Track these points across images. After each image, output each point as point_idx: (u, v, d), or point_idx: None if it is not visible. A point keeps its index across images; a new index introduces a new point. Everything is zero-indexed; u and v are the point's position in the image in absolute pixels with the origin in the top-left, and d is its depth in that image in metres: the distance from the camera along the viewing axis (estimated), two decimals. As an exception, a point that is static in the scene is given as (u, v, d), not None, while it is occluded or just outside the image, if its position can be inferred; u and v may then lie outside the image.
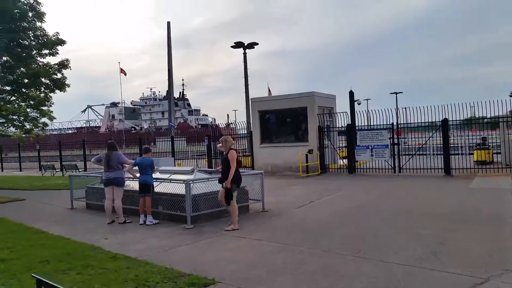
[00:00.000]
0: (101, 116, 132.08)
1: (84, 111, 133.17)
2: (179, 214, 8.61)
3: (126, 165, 9.25)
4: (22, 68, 21.97)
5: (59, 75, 23.32)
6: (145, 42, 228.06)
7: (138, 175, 9.16)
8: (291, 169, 18.54)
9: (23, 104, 23.48)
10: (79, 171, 23.51)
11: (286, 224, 8.42)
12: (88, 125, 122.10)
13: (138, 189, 9.07)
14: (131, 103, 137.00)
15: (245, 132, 21.56)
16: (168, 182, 9.25)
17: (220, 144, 8.53)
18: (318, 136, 18.38)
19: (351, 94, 19.03)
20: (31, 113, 23.99)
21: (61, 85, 23.56)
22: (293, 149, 18.40)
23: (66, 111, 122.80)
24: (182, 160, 25.43)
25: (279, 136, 19.67)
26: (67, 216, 10.52)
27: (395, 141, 17.37)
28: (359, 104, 35.18)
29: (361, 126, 18.77)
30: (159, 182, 9.44)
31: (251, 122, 21.12)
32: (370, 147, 17.23)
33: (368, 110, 17.73)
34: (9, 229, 8.54)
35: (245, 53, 32.62)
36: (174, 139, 26.53)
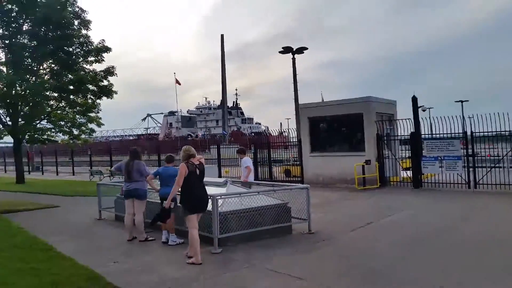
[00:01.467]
0: (160, 124, 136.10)
1: (144, 119, 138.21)
2: (206, 235, 7.12)
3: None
4: (68, 75, 21.88)
5: (105, 82, 23.09)
6: (203, 56, 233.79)
7: (159, 187, 7.84)
8: (345, 181, 16.59)
9: (70, 110, 23.46)
10: (104, 177, 22.97)
11: (336, 257, 6.66)
12: (146, 132, 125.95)
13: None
14: (187, 112, 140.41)
15: (295, 140, 19.90)
16: None
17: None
18: (376, 145, 16.30)
19: (414, 100, 16.76)
20: (79, 119, 23.93)
21: (108, 91, 23.24)
22: (348, 159, 16.45)
23: (128, 119, 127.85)
24: (230, 167, 24.20)
25: (332, 144, 17.80)
26: (89, 229, 9.42)
27: (469, 151, 14.90)
28: (423, 110, 32.10)
29: (426, 134, 16.45)
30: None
31: (301, 129, 19.43)
32: (439, 158, 14.91)
33: (432, 118, 15.38)
34: (14, 244, 7.52)
35: (293, 58, 31.48)
36: (223, 147, 25.41)
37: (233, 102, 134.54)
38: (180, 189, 6.50)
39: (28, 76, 21.15)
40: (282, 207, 7.96)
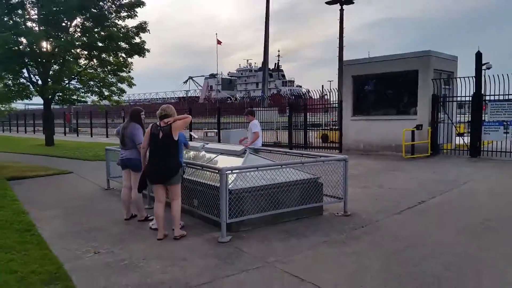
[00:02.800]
0: (201, 86, 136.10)
1: (186, 82, 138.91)
2: (213, 218, 5.66)
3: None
4: (97, 30, 20.64)
5: (137, 39, 21.78)
6: (248, 17, 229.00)
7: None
8: (390, 148, 14.64)
9: (100, 70, 22.43)
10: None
11: (380, 253, 4.99)
12: (186, 95, 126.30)
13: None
14: (228, 74, 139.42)
15: (335, 102, 17.86)
16: (199, 169, 6.29)
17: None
18: (431, 108, 14.11)
19: (478, 56, 14.20)
20: (111, 79, 22.93)
21: (139, 50, 21.93)
22: (395, 123, 14.41)
23: (171, 82, 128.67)
24: (264, 132, 22.61)
25: (377, 107, 15.73)
26: (90, 202, 8.24)
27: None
28: (488, 68, 28.26)
29: (490, 95, 14.07)
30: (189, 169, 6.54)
31: (343, 90, 17.39)
32: (505, 123, 12.62)
33: (497, 76, 12.86)
34: (-8, 222, 6.39)
35: (341, 10, 28.90)
36: (260, 109, 23.66)
37: (275, 64, 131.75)
38: None
39: (58, 33, 20.05)
40: (312, 183, 6.34)
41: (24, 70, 20.74)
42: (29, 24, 20.09)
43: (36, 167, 12.76)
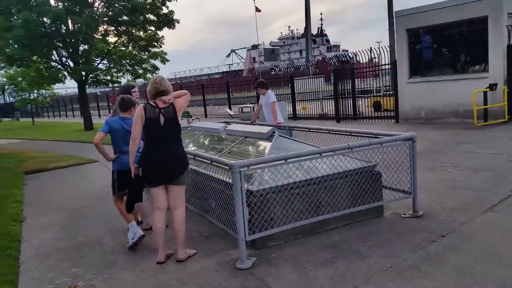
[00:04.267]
0: (244, 59, 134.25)
1: (228, 55, 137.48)
2: (230, 232, 4.13)
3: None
4: (122, 3, 19.41)
5: (164, 10, 20.43)
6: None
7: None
8: (457, 114, 12.38)
9: (131, 48, 21.35)
10: (192, 119, 20.80)
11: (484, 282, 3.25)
12: (229, 69, 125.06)
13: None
14: (270, 44, 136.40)
15: (387, 63, 15.52)
16: (207, 163, 4.66)
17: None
18: (506, 63, 11.64)
19: None
20: (143, 56, 21.86)
21: (168, 21, 20.63)
22: (462, 84, 12.09)
23: (215, 57, 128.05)
24: (309, 103, 20.77)
25: (439, 65, 13.35)
26: (100, 201, 6.98)
27: None
28: None
29: None
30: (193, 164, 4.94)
31: (395, 48, 15.05)
32: None
33: None
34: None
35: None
36: (302, 78, 21.66)
37: (318, 28, 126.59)
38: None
39: (78, 8, 19.02)
40: (367, 173, 4.62)
41: (54, 53, 20.05)
42: (52, 2, 19.18)
43: (62, 157, 11.88)
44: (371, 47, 16.44)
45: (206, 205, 4.61)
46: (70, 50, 20.10)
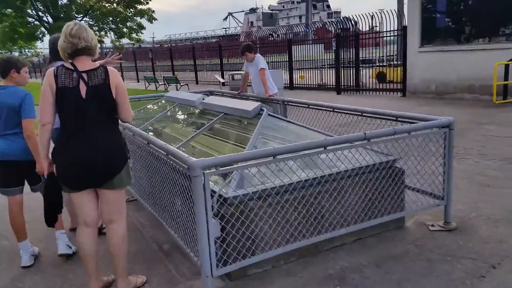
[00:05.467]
0: (241, 23, 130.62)
1: (225, 19, 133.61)
2: (192, 260, 2.89)
3: None
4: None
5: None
6: None
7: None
8: (472, 89, 11.07)
9: (115, 3, 19.58)
10: (181, 86, 19.34)
11: None
12: (225, 33, 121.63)
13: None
14: (268, 8, 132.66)
15: (394, 29, 13.98)
16: (162, 155, 3.31)
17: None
18: (534, 32, 10.27)
19: None
20: (129, 13, 20.09)
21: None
22: (481, 55, 10.72)
23: (212, 21, 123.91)
24: (307, 71, 19.27)
25: (455, 33, 11.91)
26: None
27: None
28: None
29: None
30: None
31: (405, 13, 13.51)
32: None
33: None
34: None
35: None
36: (300, 45, 20.02)
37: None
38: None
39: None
40: (385, 169, 3.37)
41: (30, 6, 18.28)
42: None
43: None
44: (372, 13, 14.80)
45: (168, 205, 3.35)
46: (48, 3, 18.30)
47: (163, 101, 5.91)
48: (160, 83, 20.79)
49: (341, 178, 3.15)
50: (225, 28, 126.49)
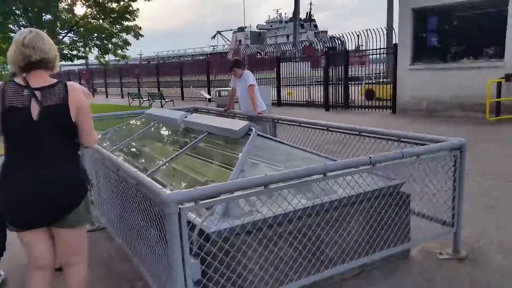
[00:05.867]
0: (230, 41, 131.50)
1: (213, 37, 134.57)
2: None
3: None
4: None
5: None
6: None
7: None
8: (464, 107, 10.88)
9: (101, 20, 19.21)
10: (166, 102, 18.92)
11: None
12: (213, 50, 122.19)
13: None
14: (256, 27, 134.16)
15: (383, 47, 13.83)
16: (132, 185, 2.85)
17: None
18: (526, 49, 10.15)
19: None
20: (114, 29, 19.71)
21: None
22: (473, 73, 10.57)
23: (202, 39, 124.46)
24: (294, 88, 18.99)
25: (446, 51, 11.80)
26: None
27: None
28: None
29: None
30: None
31: (395, 31, 13.42)
32: None
33: None
34: None
35: None
36: (288, 62, 19.82)
37: (307, 13, 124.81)
38: None
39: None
40: (390, 195, 2.98)
41: (12, 22, 17.79)
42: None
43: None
44: (359, 32, 14.65)
45: (140, 241, 2.88)
46: (32, 20, 17.84)
47: (143, 119, 5.47)
48: (144, 99, 20.34)
49: (341, 206, 2.75)
50: (213, 46, 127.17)
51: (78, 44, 19.12)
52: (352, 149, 4.01)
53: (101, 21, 19.43)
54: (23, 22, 18.26)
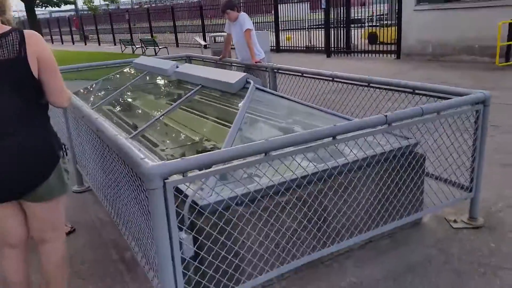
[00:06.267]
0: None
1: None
2: None
3: None
4: None
5: None
6: None
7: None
8: (472, 51, 10.35)
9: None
10: (159, 49, 18.17)
11: None
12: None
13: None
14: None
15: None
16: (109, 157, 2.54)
17: None
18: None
19: None
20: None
21: None
22: (482, 13, 9.94)
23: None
24: (295, 32, 18.15)
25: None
26: None
27: None
28: None
29: None
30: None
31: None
32: None
33: None
34: None
35: None
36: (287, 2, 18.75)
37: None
38: None
39: None
40: (403, 157, 2.67)
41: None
42: None
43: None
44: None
45: (125, 210, 2.60)
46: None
47: (131, 69, 5.05)
48: (137, 46, 19.54)
49: (350, 171, 2.45)
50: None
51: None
52: (360, 101, 3.67)
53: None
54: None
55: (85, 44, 31.05)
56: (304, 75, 4.20)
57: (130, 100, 4.20)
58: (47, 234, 2.04)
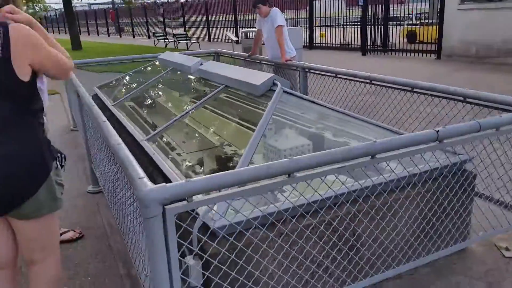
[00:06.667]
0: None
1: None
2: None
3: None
4: None
5: None
6: None
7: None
8: (521, 53, 9.63)
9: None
10: (191, 43, 18.06)
11: None
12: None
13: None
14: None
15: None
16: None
17: None
18: None
19: None
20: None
21: None
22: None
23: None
24: (329, 29, 17.63)
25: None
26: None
27: None
28: None
29: None
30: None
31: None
32: None
33: None
34: None
35: None
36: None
37: None
38: None
39: None
40: (453, 175, 2.29)
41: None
42: None
43: None
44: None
45: (125, 218, 2.35)
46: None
47: (156, 65, 4.83)
48: (170, 40, 19.51)
49: (386, 191, 2.10)
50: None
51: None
52: (402, 106, 3.28)
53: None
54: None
55: (120, 36, 31.47)
56: (338, 75, 3.83)
57: (151, 98, 3.97)
58: (35, 255, 1.80)
